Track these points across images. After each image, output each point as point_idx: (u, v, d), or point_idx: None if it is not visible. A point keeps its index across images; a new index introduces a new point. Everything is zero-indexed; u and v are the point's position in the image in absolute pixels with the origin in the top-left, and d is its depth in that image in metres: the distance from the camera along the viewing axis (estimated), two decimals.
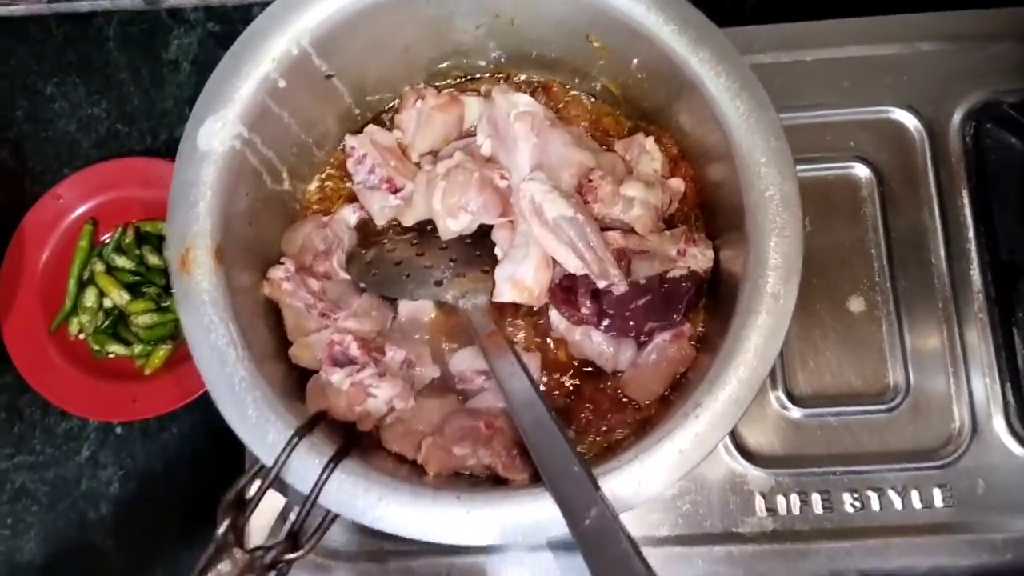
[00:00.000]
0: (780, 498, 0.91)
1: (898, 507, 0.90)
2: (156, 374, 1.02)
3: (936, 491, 0.90)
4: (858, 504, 0.90)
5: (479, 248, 0.86)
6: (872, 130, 0.99)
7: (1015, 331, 0.93)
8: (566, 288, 0.83)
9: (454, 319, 0.87)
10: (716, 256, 0.84)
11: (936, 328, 0.94)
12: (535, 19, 0.86)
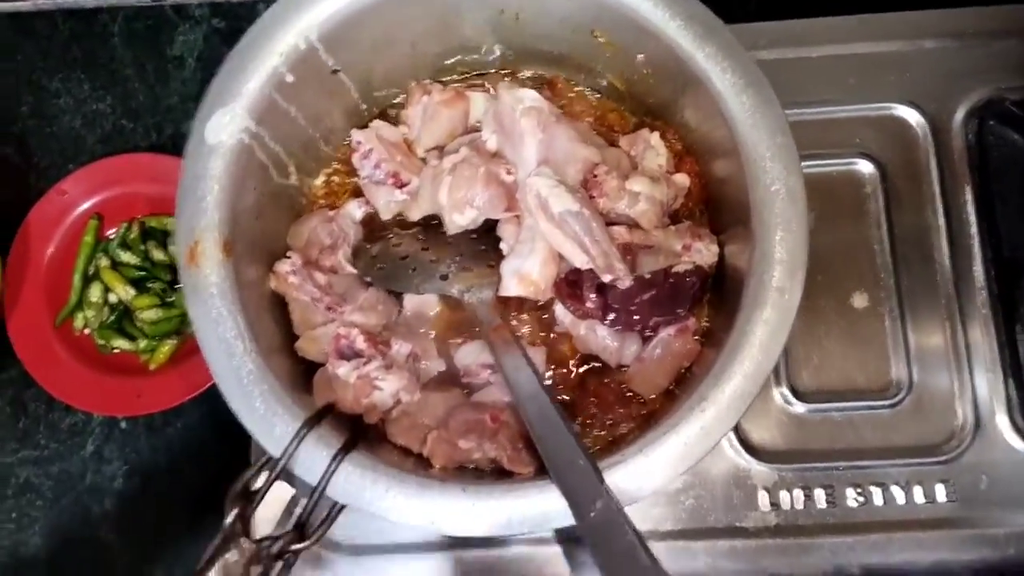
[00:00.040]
0: (783, 493, 0.91)
1: (901, 502, 0.90)
2: (161, 369, 1.02)
3: (939, 486, 0.90)
4: (861, 499, 0.90)
5: (484, 243, 0.86)
6: (876, 127, 1.00)
7: (1018, 327, 0.93)
8: (571, 282, 0.83)
9: (459, 313, 0.87)
10: (721, 251, 0.84)
11: (939, 324, 0.95)
12: (540, 15, 0.86)
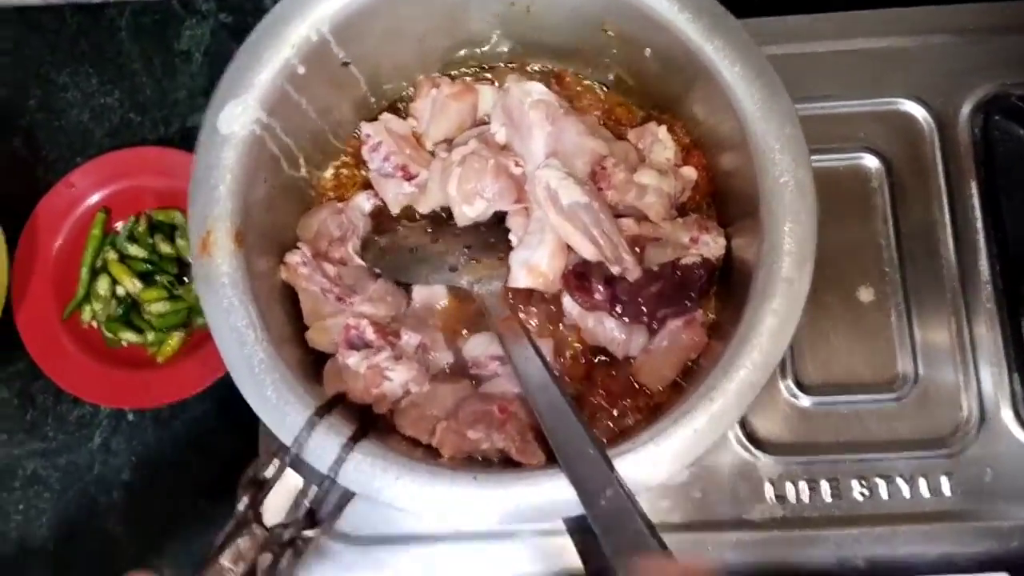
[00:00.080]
0: (789, 485, 0.91)
1: (906, 495, 0.91)
2: (168, 362, 1.03)
3: (944, 479, 0.91)
4: (866, 492, 0.91)
5: (493, 235, 0.87)
6: (882, 121, 1.00)
7: (1023, 322, 0.93)
8: (580, 274, 0.84)
9: (467, 305, 0.87)
10: (728, 244, 0.84)
11: (944, 318, 0.95)
12: (550, 8, 0.86)
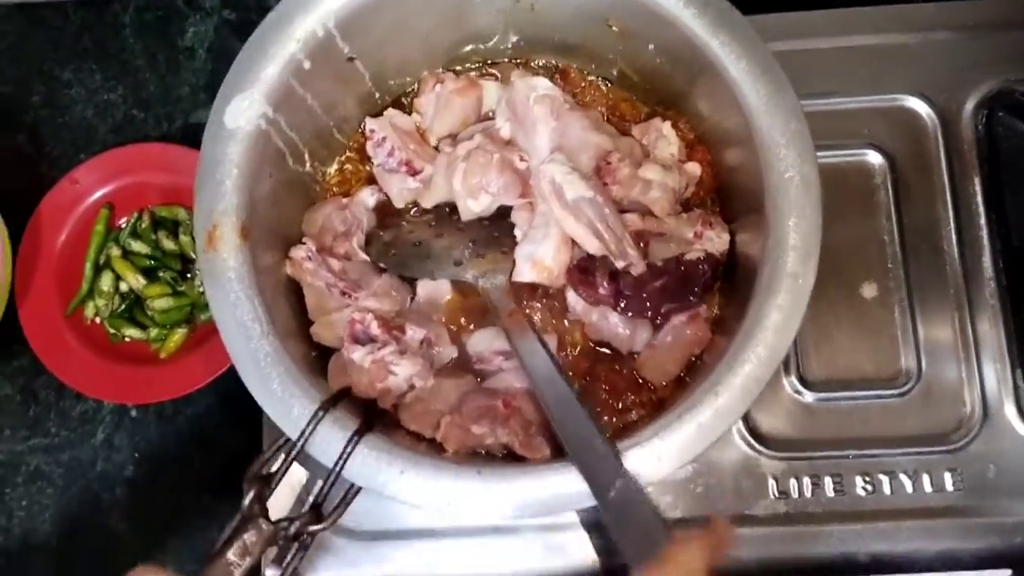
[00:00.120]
0: (792, 481, 0.91)
1: (909, 491, 0.91)
2: (171, 358, 1.03)
3: (947, 475, 0.91)
4: (869, 487, 0.91)
5: (497, 230, 0.87)
6: (885, 118, 1.00)
7: None
8: (584, 269, 0.84)
9: (471, 300, 0.88)
10: (732, 240, 0.85)
11: (948, 314, 0.95)
12: (555, 4, 0.87)
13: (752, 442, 0.93)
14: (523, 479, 0.71)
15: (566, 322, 0.88)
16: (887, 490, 0.91)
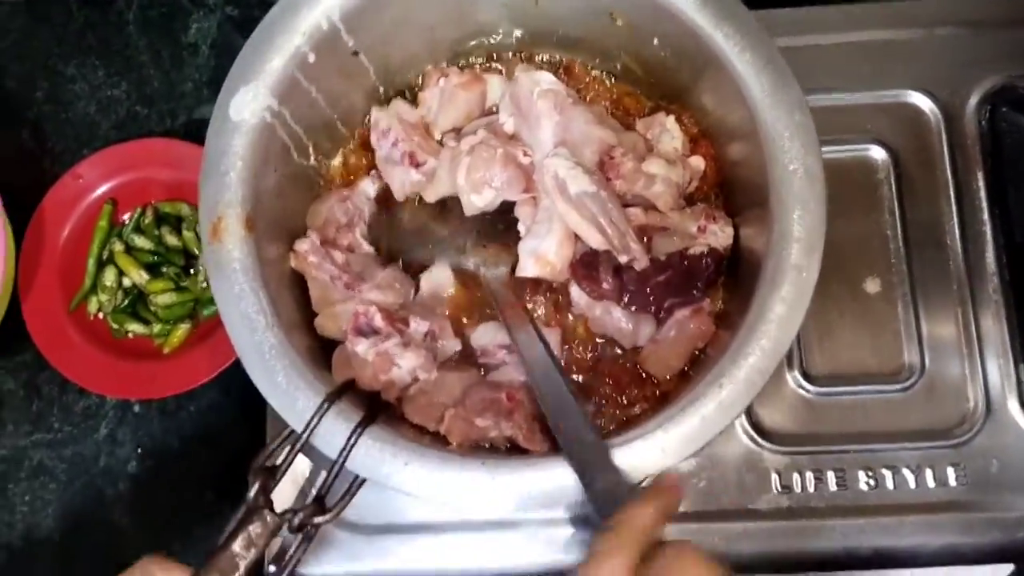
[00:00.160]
0: (795, 476, 0.91)
1: (912, 485, 0.91)
2: (175, 353, 1.02)
3: (950, 470, 0.91)
4: (872, 482, 0.91)
5: (501, 224, 0.87)
6: (888, 113, 1.00)
7: None
8: (587, 264, 0.84)
9: (475, 293, 0.88)
10: (735, 234, 0.85)
11: (951, 310, 0.95)
12: None
13: (755, 436, 0.93)
14: (528, 471, 0.71)
15: (570, 317, 0.88)
16: (890, 485, 0.91)
